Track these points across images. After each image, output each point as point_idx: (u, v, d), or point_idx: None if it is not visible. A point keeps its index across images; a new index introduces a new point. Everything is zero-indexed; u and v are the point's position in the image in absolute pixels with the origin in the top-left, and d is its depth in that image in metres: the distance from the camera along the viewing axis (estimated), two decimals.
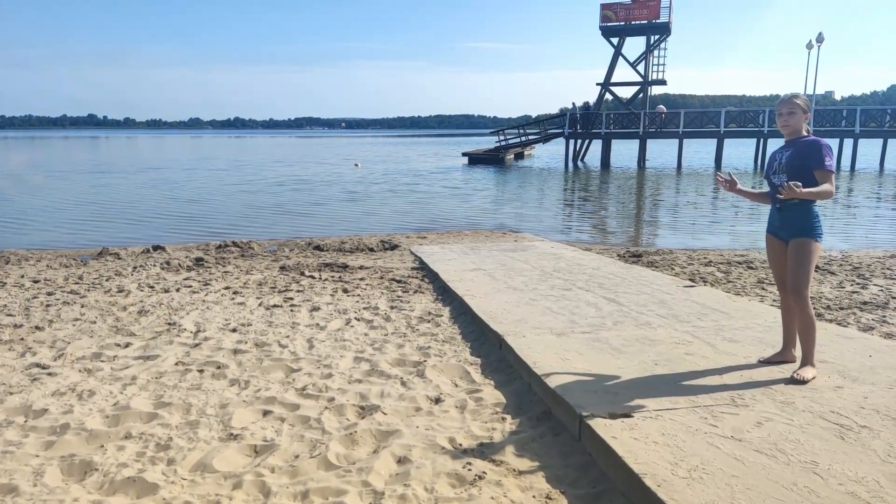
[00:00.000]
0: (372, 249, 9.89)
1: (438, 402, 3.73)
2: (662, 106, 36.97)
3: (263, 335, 5.11)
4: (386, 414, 3.55)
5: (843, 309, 5.98)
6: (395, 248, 10.04)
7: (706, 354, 4.14)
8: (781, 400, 3.35)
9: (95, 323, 5.53)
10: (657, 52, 36.75)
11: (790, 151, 3.66)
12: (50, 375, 4.20)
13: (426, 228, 13.16)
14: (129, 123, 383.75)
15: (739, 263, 8.45)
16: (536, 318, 5.16)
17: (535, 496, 2.71)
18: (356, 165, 35.83)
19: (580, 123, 34.94)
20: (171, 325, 5.44)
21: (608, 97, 38.61)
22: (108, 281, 7.35)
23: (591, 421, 3.09)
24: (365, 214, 15.63)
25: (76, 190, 21.94)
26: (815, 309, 5.88)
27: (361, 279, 7.35)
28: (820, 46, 31.58)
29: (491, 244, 9.84)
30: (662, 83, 37.47)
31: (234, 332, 5.23)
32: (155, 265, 8.31)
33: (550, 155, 46.28)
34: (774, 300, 6.14)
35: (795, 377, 3.62)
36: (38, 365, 4.42)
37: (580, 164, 37.42)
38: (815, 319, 3.68)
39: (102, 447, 3.19)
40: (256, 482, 2.84)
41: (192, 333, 5.18)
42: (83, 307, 6.08)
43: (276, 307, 6.05)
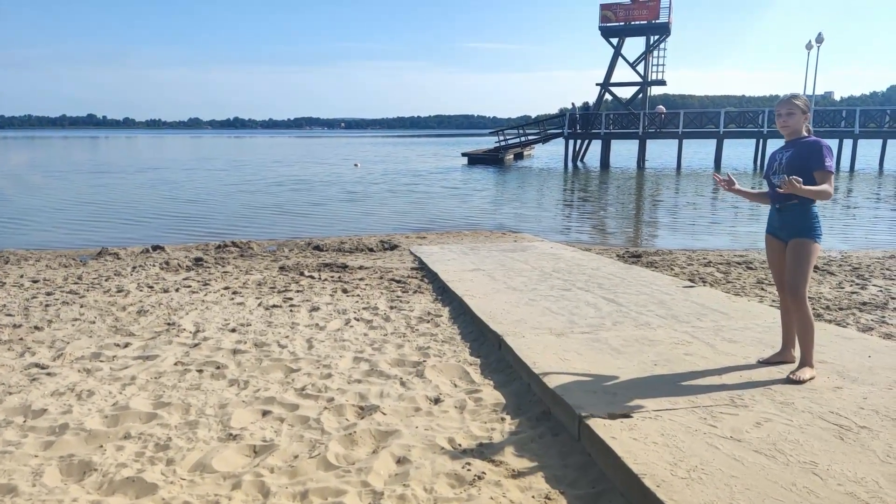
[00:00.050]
0: (371, 249, 9.89)
1: (438, 402, 3.73)
2: (662, 106, 36.98)
3: (263, 335, 5.11)
4: (385, 414, 3.55)
5: (842, 309, 5.98)
6: (394, 248, 10.04)
7: (705, 355, 4.14)
8: (781, 400, 3.35)
9: (94, 323, 5.52)
10: (657, 52, 36.78)
11: (790, 152, 3.66)
12: (49, 375, 4.20)
13: (426, 229, 13.16)
14: (128, 123, 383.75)
15: (739, 264, 8.45)
16: (536, 318, 5.16)
17: (534, 496, 2.71)
18: (356, 165, 35.83)
19: (580, 124, 34.95)
20: (170, 325, 5.44)
21: (608, 97, 38.62)
22: (107, 281, 7.34)
23: (590, 421, 3.09)
24: (364, 215, 15.63)
25: (75, 190, 21.93)
26: (814, 309, 5.88)
27: (361, 279, 7.34)
28: (819, 47, 31.62)
29: (490, 244, 9.84)
30: (662, 83, 37.49)
31: (233, 332, 5.22)
32: (154, 265, 8.30)
33: (550, 155, 46.29)
34: (774, 301, 6.15)
35: (792, 378, 3.62)
36: (37, 365, 4.42)
37: (580, 164, 37.42)
38: (813, 320, 3.68)
39: (101, 447, 3.19)
40: (256, 482, 2.84)
41: (191, 333, 5.18)
42: (82, 307, 6.08)
43: (275, 307, 6.05)
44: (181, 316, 5.73)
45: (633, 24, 35.83)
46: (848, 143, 32.06)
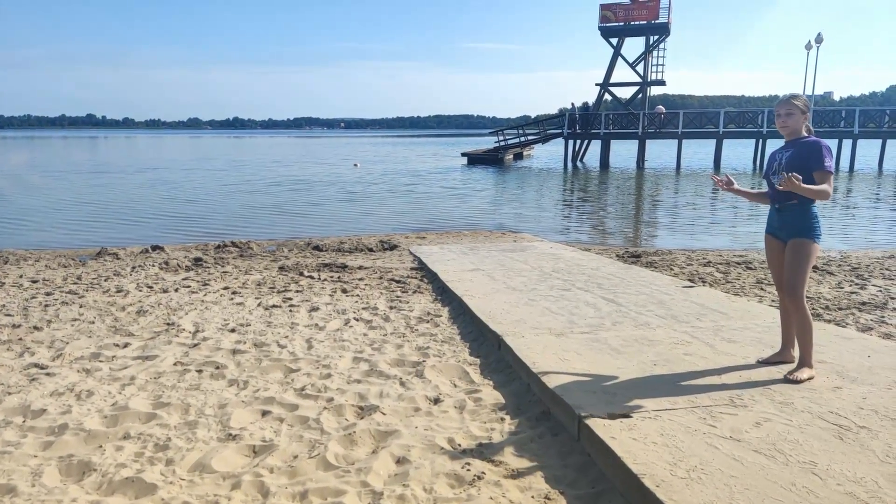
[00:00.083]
0: (371, 249, 9.89)
1: (437, 402, 3.73)
2: (661, 106, 37.01)
3: (262, 335, 5.11)
4: (385, 414, 3.55)
5: (841, 309, 5.98)
6: (394, 248, 10.04)
7: (705, 355, 4.14)
8: (780, 400, 3.35)
9: (94, 323, 5.52)
10: (656, 52, 36.81)
11: (790, 152, 3.66)
12: (48, 375, 4.20)
13: (425, 229, 13.16)
14: (127, 123, 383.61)
15: (738, 264, 8.45)
16: (535, 318, 5.16)
17: (533, 496, 2.71)
18: (355, 165, 35.83)
19: (579, 124, 34.96)
20: (169, 325, 5.43)
21: (607, 97, 38.64)
22: (106, 281, 7.34)
23: (589, 421, 3.09)
24: (364, 215, 15.63)
25: (75, 190, 21.92)
26: (813, 309, 5.88)
27: (360, 279, 7.34)
28: (819, 47, 31.65)
29: (490, 244, 9.84)
30: (661, 84, 37.52)
31: (232, 332, 5.22)
32: (153, 265, 8.30)
33: (549, 155, 46.29)
34: (773, 301, 6.15)
35: (790, 378, 3.62)
36: (36, 365, 4.41)
37: (579, 164, 37.42)
38: (811, 320, 3.68)
39: (101, 447, 3.19)
40: (255, 482, 2.84)
41: (190, 334, 5.18)
42: (82, 307, 6.07)
43: (274, 307, 6.05)
44: (180, 316, 5.73)
45: (632, 24, 35.86)
46: (847, 143, 32.09)
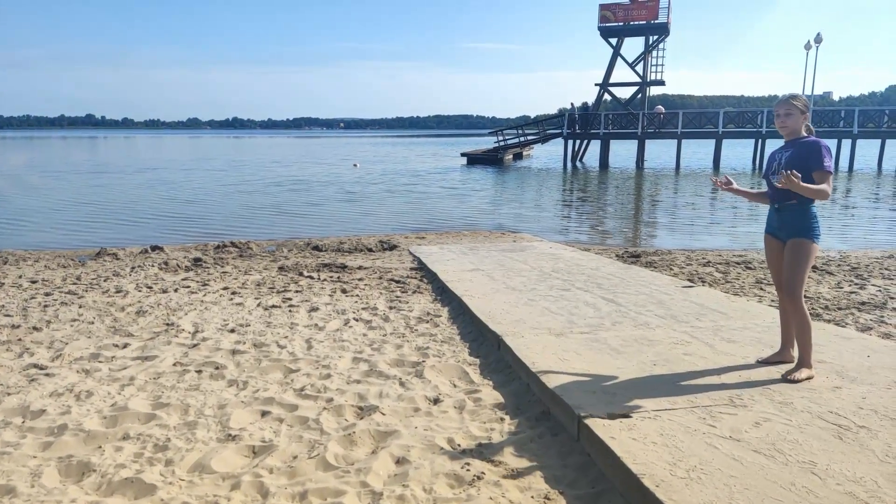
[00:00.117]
0: (371, 250, 9.89)
1: (437, 402, 3.73)
2: (661, 106, 37.00)
3: (262, 336, 5.11)
4: (384, 414, 3.55)
5: (841, 309, 5.98)
6: (393, 248, 10.04)
7: (704, 355, 4.14)
8: (780, 400, 3.35)
9: (93, 323, 5.52)
10: (656, 52, 36.78)
11: (790, 152, 3.66)
12: (48, 376, 4.19)
13: (425, 229, 13.16)
14: (127, 124, 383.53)
15: (738, 264, 8.45)
16: (535, 318, 5.16)
17: (533, 496, 2.71)
18: (355, 166, 35.81)
19: (579, 124, 34.95)
20: (169, 325, 5.43)
21: (607, 98, 38.62)
22: (105, 281, 7.34)
23: (589, 421, 3.09)
24: (363, 215, 15.63)
25: (74, 190, 21.91)
26: (813, 309, 5.89)
27: (360, 279, 7.34)
28: (818, 47, 31.62)
29: (489, 244, 9.84)
30: (661, 84, 37.50)
31: (232, 332, 5.22)
32: (153, 265, 8.30)
33: (549, 155, 46.29)
34: (773, 300, 6.15)
35: (788, 378, 3.62)
36: (35, 365, 4.41)
37: (579, 164, 37.42)
38: (809, 320, 3.68)
39: (100, 448, 3.18)
40: (255, 483, 2.83)
41: (190, 334, 5.18)
42: (81, 308, 6.07)
43: (274, 307, 6.05)
44: (180, 316, 5.73)
45: (631, 24, 35.83)
46: (846, 143, 32.11)
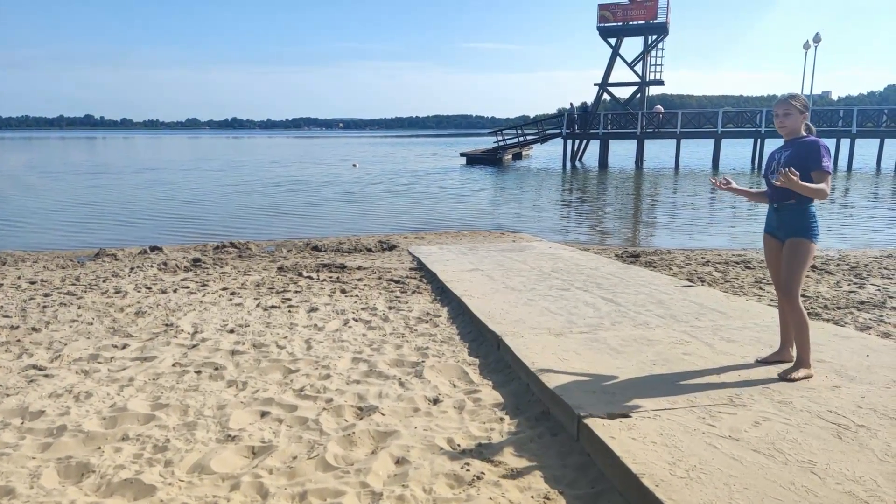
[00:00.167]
0: (370, 250, 9.89)
1: (437, 402, 3.72)
2: (660, 106, 37.00)
3: (261, 336, 5.10)
4: (384, 415, 3.55)
5: (840, 308, 5.99)
6: (393, 248, 10.04)
7: (704, 354, 4.14)
8: (779, 399, 3.35)
9: (92, 324, 5.51)
10: (655, 52, 36.78)
11: (789, 151, 3.67)
12: (47, 377, 4.19)
13: (424, 229, 13.16)
14: (126, 124, 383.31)
15: (737, 263, 8.46)
16: (534, 318, 5.16)
17: (533, 496, 2.71)
18: (354, 166, 35.81)
19: (578, 124, 34.95)
20: (168, 326, 5.43)
21: (606, 97, 38.62)
22: (104, 282, 7.33)
23: (589, 421, 3.09)
24: (363, 215, 15.63)
25: (73, 191, 21.90)
26: (812, 308, 5.89)
27: (359, 280, 7.34)
28: (817, 47, 31.65)
29: (489, 244, 9.84)
30: (660, 83, 37.51)
31: (231, 332, 5.22)
32: (152, 266, 8.29)
33: (548, 155, 46.30)
34: (772, 300, 6.15)
35: (785, 377, 3.63)
36: (34, 366, 4.41)
37: (578, 164, 37.43)
38: (807, 319, 3.68)
39: (99, 449, 3.18)
40: (254, 483, 2.83)
41: (189, 334, 5.17)
42: (80, 308, 6.06)
43: (273, 308, 6.04)
44: (179, 317, 5.73)
45: (630, 24, 35.82)
46: (845, 142, 32.13)
